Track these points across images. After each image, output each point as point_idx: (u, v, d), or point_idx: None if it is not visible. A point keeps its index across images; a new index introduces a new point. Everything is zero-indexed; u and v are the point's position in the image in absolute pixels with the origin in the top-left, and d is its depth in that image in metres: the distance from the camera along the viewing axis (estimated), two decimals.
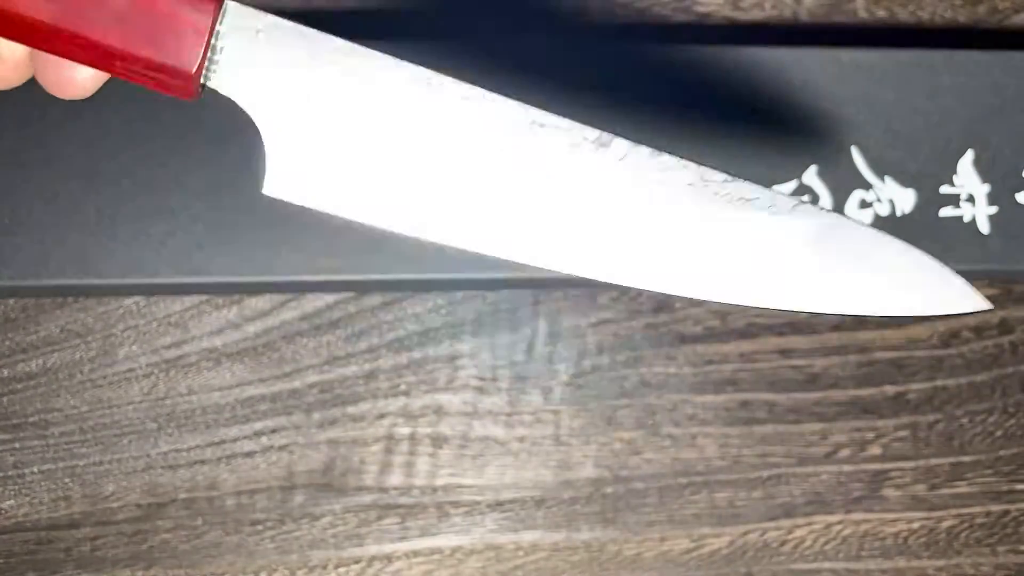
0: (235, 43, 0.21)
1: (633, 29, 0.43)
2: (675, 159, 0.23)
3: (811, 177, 0.41)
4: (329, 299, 0.41)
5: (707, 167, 0.24)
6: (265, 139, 0.22)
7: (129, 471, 0.39)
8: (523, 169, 0.23)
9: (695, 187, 0.24)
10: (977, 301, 0.25)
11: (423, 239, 0.22)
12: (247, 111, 0.21)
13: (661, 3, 0.43)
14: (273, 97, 0.21)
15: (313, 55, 0.22)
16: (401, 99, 0.22)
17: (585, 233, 0.23)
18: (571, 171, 0.23)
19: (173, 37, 0.20)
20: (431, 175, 0.23)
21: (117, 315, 0.40)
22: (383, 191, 0.22)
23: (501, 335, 0.41)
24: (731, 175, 0.24)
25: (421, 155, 0.22)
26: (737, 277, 0.24)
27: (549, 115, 0.23)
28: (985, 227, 0.42)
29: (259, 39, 0.21)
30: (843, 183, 0.41)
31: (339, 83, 0.22)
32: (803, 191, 0.41)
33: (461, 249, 0.23)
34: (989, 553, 0.44)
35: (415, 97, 0.22)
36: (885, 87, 0.42)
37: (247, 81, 0.21)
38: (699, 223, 0.24)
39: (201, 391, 0.40)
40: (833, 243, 0.25)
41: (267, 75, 0.21)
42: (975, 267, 0.42)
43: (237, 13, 0.21)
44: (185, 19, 0.20)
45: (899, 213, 0.41)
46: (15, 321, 0.39)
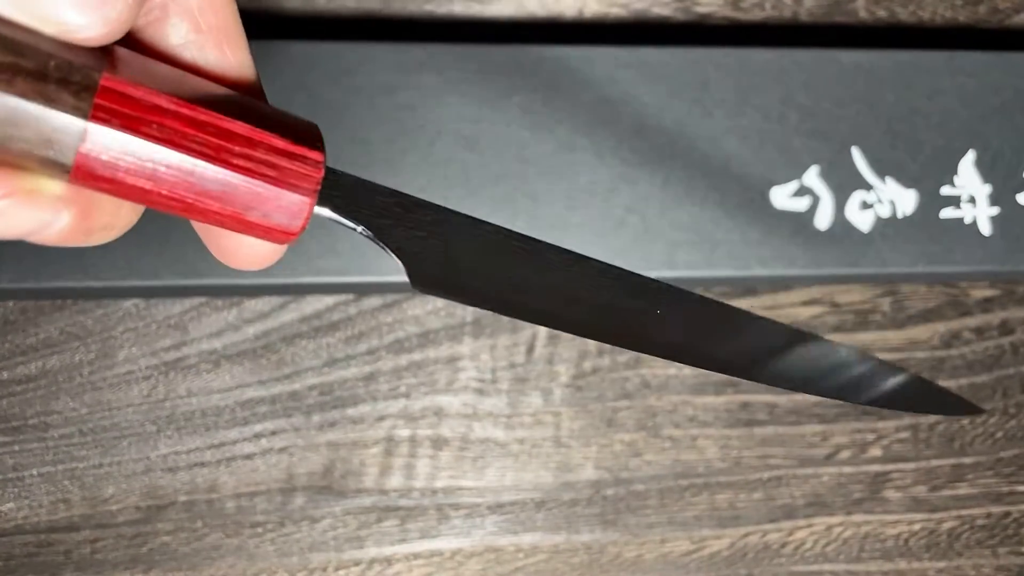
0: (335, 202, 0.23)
1: (632, 29, 0.43)
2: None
3: (812, 178, 0.41)
4: (328, 301, 0.41)
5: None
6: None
7: (129, 473, 0.39)
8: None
9: None
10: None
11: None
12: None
13: (661, 3, 0.43)
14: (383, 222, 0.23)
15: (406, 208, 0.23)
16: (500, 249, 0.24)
17: None
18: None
19: (277, 208, 0.21)
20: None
21: (116, 317, 0.40)
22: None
23: (501, 337, 0.41)
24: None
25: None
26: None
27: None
28: (986, 228, 0.42)
29: (357, 197, 0.23)
30: (844, 184, 0.41)
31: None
32: (804, 192, 0.41)
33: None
34: (990, 555, 0.44)
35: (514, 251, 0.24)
36: (885, 87, 0.42)
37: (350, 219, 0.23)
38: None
39: (200, 393, 0.40)
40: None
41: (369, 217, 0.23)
42: (976, 268, 0.42)
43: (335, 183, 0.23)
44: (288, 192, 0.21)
45: (900, 214, 0.41)
46: (14, 323, 0.39)
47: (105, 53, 0.20)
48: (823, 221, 0.41)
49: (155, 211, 0.21)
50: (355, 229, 0.23)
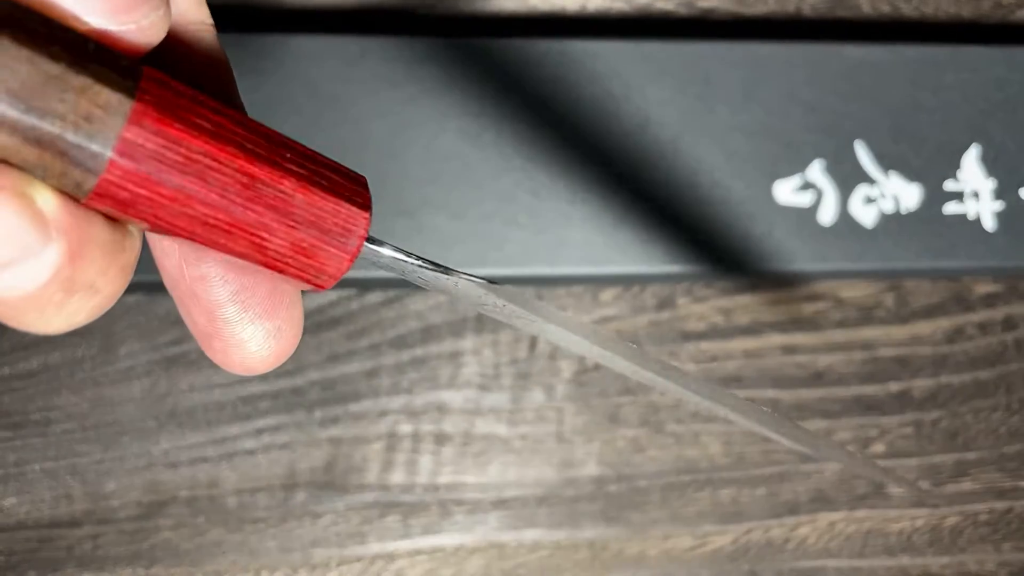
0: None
1: (636, 24, 0.43)
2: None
3: (815, 172, 0.41)
4: (331, 296, 0.41)
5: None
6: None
7: (130, 469, 0.39)
8: None
9: None
10: None
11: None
12: None
13: None
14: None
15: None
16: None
17: None
18: None
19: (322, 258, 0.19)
20: None
21: (118, 312, 0.39)
22: None
23: (503, 332, 0.41)
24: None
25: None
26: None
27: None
28: (990, 223, 0.42)
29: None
30: (847, 178, 0.41)
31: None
32: (807, 187, 0.41)
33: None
34: (993, 550, 0.44)
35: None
36: (889, 82, 0.42)
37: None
38: None
39: (202, 388, 0.40)
40: None
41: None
42: (979, 263, 0.42)
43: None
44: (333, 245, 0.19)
45: (903, 210, 0.41)
46: None
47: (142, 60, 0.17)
48: (827, 216, 0.41)
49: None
50: (408, 262, 0.21)
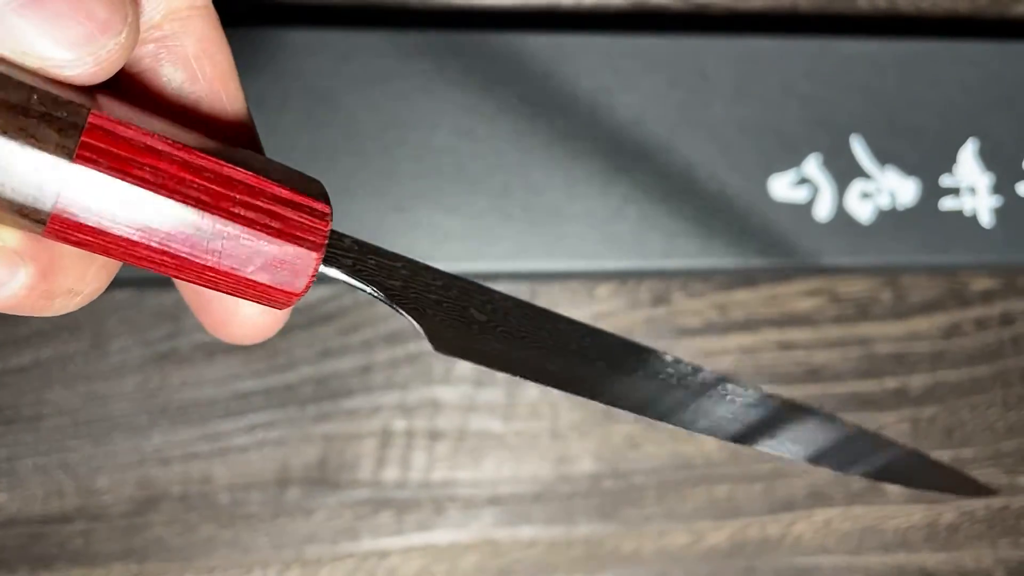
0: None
1: (631, 19, 0.43)
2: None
3: (811, 167, 0.40)
4: (323, 292, 0.40)
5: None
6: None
7: (122, 465, 0.39)
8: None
9: None
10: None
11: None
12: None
13: None
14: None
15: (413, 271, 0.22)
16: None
17: None
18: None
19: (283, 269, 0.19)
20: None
21: (109, 308, 0.39)
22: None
23: None
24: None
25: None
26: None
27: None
28: (986, 218, 0.42)
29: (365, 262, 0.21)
30: (844, 173, 0.41)
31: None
32: (803, 182, 0.40)
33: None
34: (989, 547, 0.44)
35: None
36: (885, 77, 0.41)
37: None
38: None
39: (194, 384, 0.40)
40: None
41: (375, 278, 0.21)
42: (976, 258, 0.41)
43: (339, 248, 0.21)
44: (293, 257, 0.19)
45: (900, 205, 0.41)
46: (6, 314, 0.39)
47: (92, 95, 0.18)
48: (823, 211, 0.40)
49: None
50: (365, 290, 0.21)
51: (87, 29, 0.17)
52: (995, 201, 0.42)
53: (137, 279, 0.38)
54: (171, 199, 0.18)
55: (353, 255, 0.21)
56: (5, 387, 0.39)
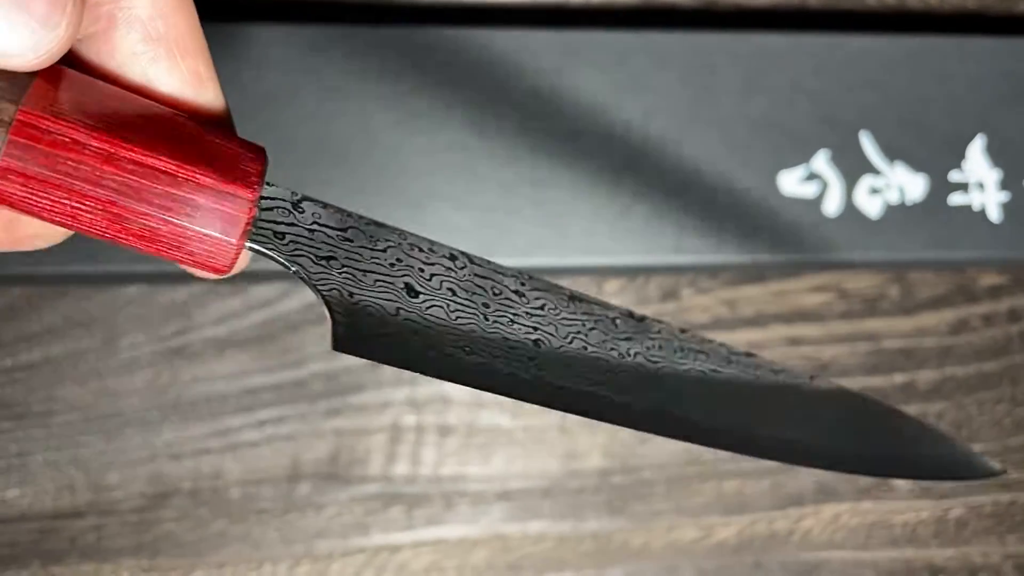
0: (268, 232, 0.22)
1: (641, 15, 0.43)
2: (697, 337, 0.25)
3: (820, 163, 0.41)
4: None
5: (727, 345, 0.25)
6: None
7: (133, 460, 0.39)
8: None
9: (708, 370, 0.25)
10: (986, 468, 0.28)
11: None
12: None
13: None
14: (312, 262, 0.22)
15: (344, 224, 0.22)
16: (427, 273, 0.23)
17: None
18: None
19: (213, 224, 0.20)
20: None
21: (120, 303, 0.39)
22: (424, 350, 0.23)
23: None
24: (749, 352, 0.25)
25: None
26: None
27: (581, 293, 0.24)
28: (995, 214, 0.42)
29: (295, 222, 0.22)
30: (853, 169, 0.41)
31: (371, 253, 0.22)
32: (812, 177, 0.40)
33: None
34: (997, 542, 0.44)
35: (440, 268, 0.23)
36: (894, 73, 0.41)
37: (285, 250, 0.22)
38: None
39: (205, 380, 0.40)
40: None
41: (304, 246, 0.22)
42: (984, 254, 0.42)
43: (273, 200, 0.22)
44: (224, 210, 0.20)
45: (908, 200, 0.41)
46: (18, 310, 0.39)
47: (35, 75, 0.19)
48: (832, 207, 0.41)
49: None
50: (289, 270, 0.22)
51: (27, 22, 0.18)
52: (1003, 197, 0.42)
53: (148, 275, 0.38)
54: (95, 189, 0.19)
55: (286, 226, 0.21)
56: (16, 383, 0.39)
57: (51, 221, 0.20)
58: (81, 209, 0.19)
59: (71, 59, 0.21)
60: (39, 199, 0.19)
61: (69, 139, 0.19)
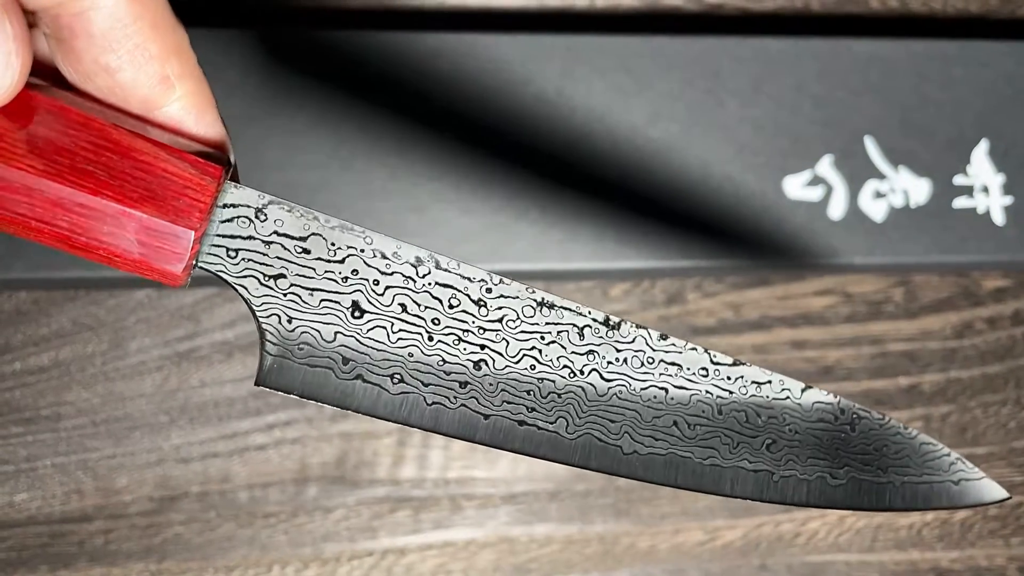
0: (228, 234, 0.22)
1: (645, 19, 0.43)
2: (677, 346, 0.24)
3: (825, 167, 0.41)
4: None
5: (714, 353, 0.24)
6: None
7: (141, 464, 0.39)
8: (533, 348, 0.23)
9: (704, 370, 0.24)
10: (994, 493, 0.26)
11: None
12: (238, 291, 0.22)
13: None
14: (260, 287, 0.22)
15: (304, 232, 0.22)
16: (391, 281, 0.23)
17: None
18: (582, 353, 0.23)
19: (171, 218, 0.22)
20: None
21: (128, 308, 0.40)
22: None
23: None
24: (738, 360, 0.24)
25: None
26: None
27: (556, 297, 0.23)
28: (999, 217, 0.42)
29: (255, 224, 0.22)
30: (857, 173, 0.41)
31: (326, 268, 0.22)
32: (817, 181, 0.41)
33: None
34: (1002, 545, 0.44)
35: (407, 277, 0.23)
36: (898, 77, 0.42)
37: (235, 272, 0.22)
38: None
39: (213, 384, 0.40)
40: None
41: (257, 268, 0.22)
42: (988, 258, 0.42)
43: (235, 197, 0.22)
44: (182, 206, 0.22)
45: (913, 204, 0.41)
46: (27, 314, 0.39)
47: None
48: (836, 210, 0.41)
49: None
50: (237, 290, 0.22)
51: None
52: (1007, 200, 0.42)
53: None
54: (49, 228, 0.21)
55: (242, 240, 0.22)
56: (25, 387, 0.39)
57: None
58: (41, 237, 0.21)
59: (53, 69, 0.22)
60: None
61: (20, 185, 0.21)
